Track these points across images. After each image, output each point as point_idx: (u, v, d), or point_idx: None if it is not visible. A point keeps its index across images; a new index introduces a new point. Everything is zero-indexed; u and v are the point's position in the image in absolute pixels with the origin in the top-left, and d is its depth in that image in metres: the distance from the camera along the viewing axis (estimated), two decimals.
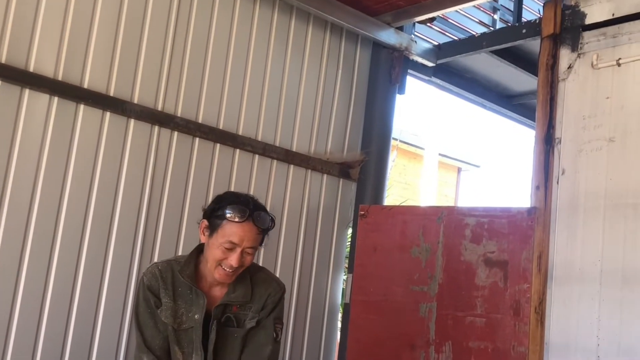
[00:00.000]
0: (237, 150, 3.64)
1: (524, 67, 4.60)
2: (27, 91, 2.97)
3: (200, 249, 2.43)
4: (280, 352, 2.75)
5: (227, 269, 2.31)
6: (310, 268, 3.94)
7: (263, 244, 2.40)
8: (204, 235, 2.36)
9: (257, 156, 3.71)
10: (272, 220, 2.37)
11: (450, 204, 12.46)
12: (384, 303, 3.53)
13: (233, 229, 2.27)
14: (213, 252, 2.31)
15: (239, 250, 2.28)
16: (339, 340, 4.13)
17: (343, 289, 4.17)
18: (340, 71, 4.13)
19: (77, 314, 3.08)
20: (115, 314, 3.19)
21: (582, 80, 3.24)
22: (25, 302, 2.94)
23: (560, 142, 3.26)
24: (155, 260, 3.28)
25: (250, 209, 2.29)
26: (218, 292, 2.41)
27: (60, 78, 3.06)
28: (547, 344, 3.09)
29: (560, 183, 3.21)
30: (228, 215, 2.28)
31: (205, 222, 2.35)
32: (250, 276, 2.45)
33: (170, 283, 2.38)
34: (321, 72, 4.04)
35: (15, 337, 2.90)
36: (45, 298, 2.99)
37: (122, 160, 3.24)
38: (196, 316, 2.37)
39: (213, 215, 2.32)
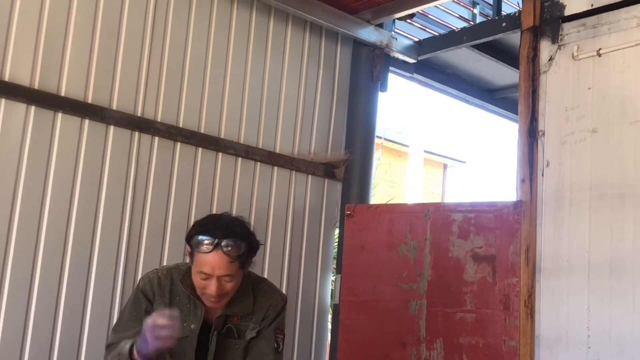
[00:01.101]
0: (220, 154, 3.60)
1: (505, 60, 4.61)
2: (2, 101, 2.91)
3: None
4: None
5: (211, 298, 2.27)
6: (298, 270, 3.91)
7: (248, 267, 2.33)
8: (190, 259, 2.32)
9: (240, 159, 3.68)
10: (250, 245, 2.28)
11: (437, 201, 12.48)
12: (373, 302, 3.50)
13: (203, 259, 2.21)
14: (195, 280, 2.28)
15: (214, 279, 2.23)
16: (329, 342, 4.10)
17: (332, 289, 4.15)
18: (321, 70, 4.11)
19: (63, 322, 3.03)
20: (101, 321, 3.13)
21: (563, 71, 3.24)
22: (8, 315, 2.87)
23: (543, 134, 3.25)
24: (140, 267, 3.27)
25: (219, 237, 2.20)
26: (219, 303, 2.37)
27: (36, 87, 3.01)
28: (538, 337, 3.08)
29: (545, 175, 3.21)
30: (196, 246, 2.23)
31: (189, 247, 2.32)
32: (252, 287, 2.43)
33: (167, 291, 2.35)
34: (302, 71, 4.01)
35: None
36: (29, 309, 2.94)
37: (102, 168, 3.19)
38: (192, 326, 2.34)
39: (189, 243, 2.28)
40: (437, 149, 12.94)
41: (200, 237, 2.22)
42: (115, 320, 3.08)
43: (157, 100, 3.40)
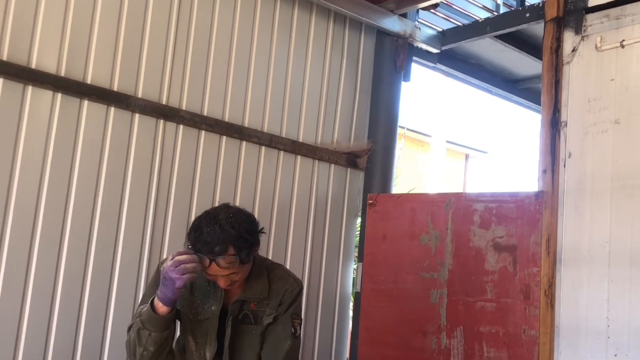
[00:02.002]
0: (244, 143, 3.63)
1: (528, 51, 4.59)
2: (30, 88, 2.95)
3: None
4: None
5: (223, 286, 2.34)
6: (320, 258, 3.95)
7: (252, 256, 2.36)
8: None
9: (263, 148, 3.71)
10: (247, 243, 2.28)
11: (459, 191, 12.45)
12: (394, 291, 3.53)
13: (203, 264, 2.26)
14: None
15: (220, 277, 2.29)
16: (350, 329, 4.14)
17: (353, 278, 4.18)
18: (344, 60, 4.12)
19: (88, 313, 3.08)
20: (125, 311, 3.17)
21: (586, 62, 3.22)
22: (34, 302, 2.93)
23: (566, 125, 3.24)
24: (165, 253, 3.30)
25: (212, 247, 2.22)
26: (236, 288, 2.43)
27: (63, 74, 3.04)
28: (558, 326, 3.09)
29: (567, 166, 3.20)
30: (195, 251, 2.26)
31: None
32: (267, 273, 2.47)
33: None
34: (325, 61, 4.03)
35: (26, 339, 2.91)
36: (55, 296, 2.99)
37: (128, 155, 3.23)
38: (213, 307, 2.40)
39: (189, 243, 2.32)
40: (459, 140, 12.89)
41: (196, 244, 2.25)
42: None
43: (182, 88, 3.43)
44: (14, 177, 2.90)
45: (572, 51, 3.27)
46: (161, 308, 2.23)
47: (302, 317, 2.58)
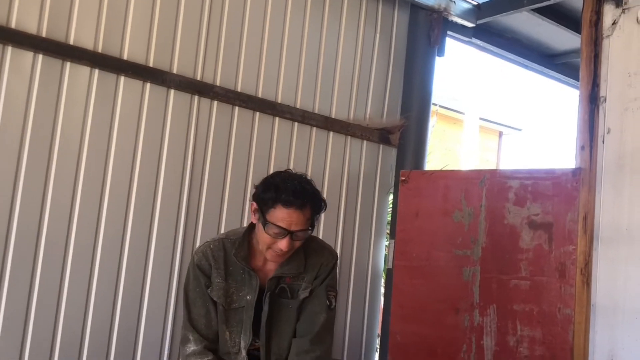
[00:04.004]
0: (277, 119, 3.64)
1: (566, 24, 4.47)
2: (68, 64, 2.99)
3: (253, 225, 2.41)
4: None
5: (278, 252, 2.30)
6: (352, 235, 3.96)
7: (314, 227, 2.35)
8: (254, 216, 2.34)
9: (296, 124, 3.71)
10: (321, 203, 2.32)
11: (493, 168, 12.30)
12: (427, 268, 3.53)
13: (279, 215, 2.23)
14: (263, 236, 2.29)
15: (287, 235, 2.25)
16: (382, 306, 4.15)
17: (385, 254, 4.19)
18: (377, 35, 4.08)
19: (124, 289, 3.12)
20: (160, 289, 3.23)
21: (627, 36, 3.14)
22: (73, 280, 2.99)
23: (605, 100, 3.17)
24: (199, 228, 3.35)
25: (295, 196, 2.22)
26: (272, 266, 2.43)
27: (100, 50, 3.07)
28: (594, 305, 3.06)
29: (605, 142, 3.14)
30: (275, 201, 2.23)
31: (255, 204, 2.32)
32: (303, 246, 2.43)
33: (222, 262, 2.40)
34: (358, 36, 4.00)
35: (64, 325, 2.97)
36: (93, 271, 3.05)
37: (163, 130, 3.26)
38: (248, 297, 2.39)
39: (261, 199, 2.28)
40: (493, 116, 12.71)
41: (277, 195, 2.23)
42: (174, 287, 3.22)
43: (216, 64, 3.44)
44: (53, 152, 2.95)
45: (612, 24, 3.18)
46: None
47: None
